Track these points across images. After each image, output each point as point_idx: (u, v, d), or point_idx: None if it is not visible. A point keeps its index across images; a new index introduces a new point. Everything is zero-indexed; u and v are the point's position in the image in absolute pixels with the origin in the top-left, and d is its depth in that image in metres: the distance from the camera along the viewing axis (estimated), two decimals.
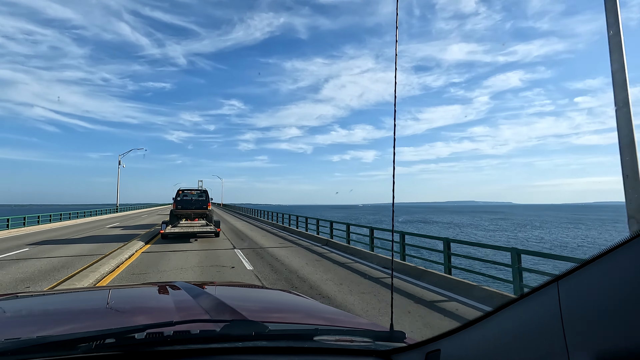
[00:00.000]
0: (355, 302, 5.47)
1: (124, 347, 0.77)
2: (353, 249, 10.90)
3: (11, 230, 17.83)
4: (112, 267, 8.35)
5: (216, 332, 0.84)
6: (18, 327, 1.09)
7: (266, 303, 1.56)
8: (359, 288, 6.36)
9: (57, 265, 8.89)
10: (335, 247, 12.04)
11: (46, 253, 10.99)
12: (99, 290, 1.94)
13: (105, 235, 15.97)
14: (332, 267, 8.63)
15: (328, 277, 7.33)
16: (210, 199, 15.99)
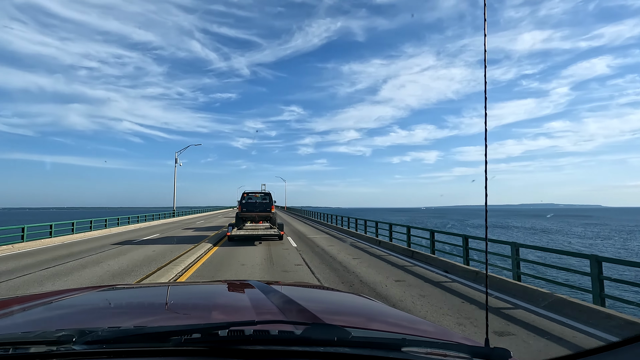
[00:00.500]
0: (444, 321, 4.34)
1: (208, 343, 0.78)
2: (442, 261, 8.92)
3: (102, 230, 19.80)
4: (187, 265, 8.99)
5: (297, 334, 0.80)
6: (116, 317, 1.21)
7: (342, 306, 1.51)
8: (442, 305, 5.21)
9: (138, 263, 9.54)
10: (418, 258, 10.77)
11: (128, 252, 11.69)
12: (180, 285, 2.02)
13: (179, 237, 16.76)
14: (420, 283, 7.47)
15: (406, 292, 6.27)
16: (273, 202, 15.82)
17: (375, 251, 11.74)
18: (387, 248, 12.36)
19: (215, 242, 13.81)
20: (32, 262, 9.82)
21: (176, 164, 37.25)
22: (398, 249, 11.65)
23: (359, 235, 16.44)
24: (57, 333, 0.77)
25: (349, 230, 18.77)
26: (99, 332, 0.78)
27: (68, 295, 1.45)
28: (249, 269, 8.64)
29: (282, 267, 8.92)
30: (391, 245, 12.56)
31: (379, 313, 1.42)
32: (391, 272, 8.27)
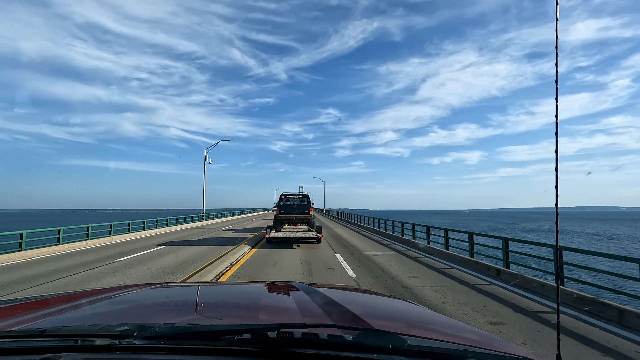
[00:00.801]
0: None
1: (259, 344, 0.78)
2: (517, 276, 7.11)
3: (149, 231, 20.78)
4: (227, 265, 9.23)
5: (349, 340, 0.77)
6: (169, 314, 1.26)
7: (388, 311, 1.40)
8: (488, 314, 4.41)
9: (182, 263, 9.80)
10: (461, 263, 9.83)
11: (172, 252, 12.01)
12: (226, 285, 2.10)
13: (219, 238, 17.03)
14: (465, 290, 6.67)
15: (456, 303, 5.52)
16: (311, 204, 15.49)
17: (429, 261, 10.24)
18: (443, 257, 10.70)
19: (254, 244, 13.80)
20: (94, 259, 10.35)
21: (205, 161, 34.09)
22: (458, 260, 9.89)
23: (403, 240, 15.56)
24: (119, 327, 0.81)
25: (392, 235, 17.92)
26: (156, 328, 0.81)
27: (124, 291, 1.54)
28: (287, 271, 8.44)
29: (321, 270, 8.54)
30: (448, 255, 10.64)
31: (429, 320, 1.33)
32: (439, 279, 7.48)
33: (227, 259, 9.86)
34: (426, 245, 12.66)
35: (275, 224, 15.18)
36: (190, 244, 14.62)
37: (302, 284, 1.75)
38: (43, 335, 0.80)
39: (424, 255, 11.20)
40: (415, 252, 11.97)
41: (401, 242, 15.09)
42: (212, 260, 9.90)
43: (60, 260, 10.58)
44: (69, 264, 9.80)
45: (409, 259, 10.40)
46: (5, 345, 0.78)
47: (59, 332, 0.82)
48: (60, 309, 1.23)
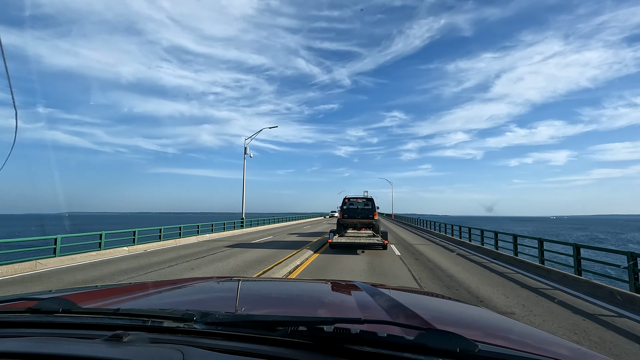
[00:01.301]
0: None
1: (314, 338, 0.78)
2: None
3: (220, 233, 21.91)
4: (290, 269, 9.19)
5: (410, 339, 0.73)
6: (231, 303, 1.36)
7: (459, 317, 1.31)
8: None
9: (249, 263, 10.19)
10: (564, 282, 8.16)
11: (243, 253, 12.42)
12: (287, 281, 2.15)
13: (283, 242, 17.14)
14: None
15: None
16: (376, 208, 14.68)
17: (524, 279, 8.25)
18: (536, 272, 9.02)
19: (316, 249, 13.48)
20: (176, 256, 11.07)
21: (245, 154, 28.40)
22: (558, 277, 7.96)
23: (485, 250, 13.87)
24: (182, 312, 0.90)
25: (469, 244, 16.14)
26: (216, 315, 0.88)
27: (192, 282, 1.71)
28: (349, 277, 7.70)
29: (386, 279, 7.73)
30: (544, 270, 8.73)
31: (508, 329, 1.17)
32: (524, 294, 6.14)
33: (290, 263, 9.79)
34: (513, 257, 10.93)
35: (338, 229, 14.69)
36: (255, 246, 14.91)
37: (365, 284, 1.74)
38: (116, 314, 0.91)
39: (513, 270, 9.41)
40: (501, 265, 10.42)
41: (482, 253, 13.41)
42: (275, 263, 9.92)
43: (154, 255, 11.70)
44: (157, 260, 11.04)
45: (495, 274, 9.00)
46: (83, 321, 0.90)
47: (129, 312, 0.92)
48: (133, 295, 1.43)
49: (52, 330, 0.88)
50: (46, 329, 0.89)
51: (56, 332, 0.87)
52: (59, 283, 7.68)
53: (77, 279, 8.13)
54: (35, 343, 0.77)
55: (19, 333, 0.87)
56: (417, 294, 1.88)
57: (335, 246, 13.25)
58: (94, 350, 0.70)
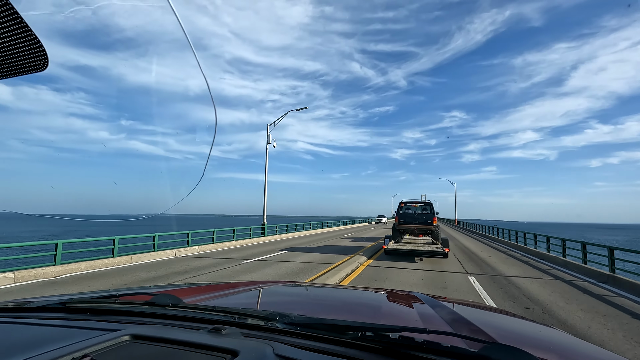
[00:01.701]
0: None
1: (381, 343, 0.83)
2: None
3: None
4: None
5: (473, 352, 0.75)
6: (299, 306, 1.51)
7: (527, 335, 1.25)
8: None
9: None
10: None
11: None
12: (347, 288, 2.22)
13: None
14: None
15: None
16: (435, 213, 13.72)
17: (624, 302, 6.70)
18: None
19: (370, 255, 12.98)
20: (242, 255, 11.52)
21: (268, 143, 23.70)
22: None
23: (582, 269, 12.11)
24: (266, 312, 1.02)
25: (551, 256, 14.30)
26: (292, 317, 0.99)
27: (262, 285, 1.93)
28: (407, 288, 7.17)
29: (447, 293, 6.98)
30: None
31: (583, 353, 1.08)
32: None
33: (343, 268, 9.54)
34: (613, 275, 8.89)
35: (394, 234, 13.99)
36: (308, 250, 14.87)
37: (425, 295, 1.77)
38: (213, 310, 1.07)
39: (615, 293, 7.46)
40: (600, 286, 8.92)
41: (579, 272, 11.73)
42: (327, 269, 9.69)
43: (224, 253, 12.17)
44: (234, 256, 11.79)
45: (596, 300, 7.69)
46: (187, 314, 1.07)
47: (224, 309, 1.07)
48: (218, 294, 1.65)
49: (164, 320, 1.04)
50: (159, 319, 1.05)
51: (169, 322, 1.02)
52: (134, 278, 8.63)
53: (158, 273, 9.03)
54: (156, 329, 0.92)
55: (141, 321, 1.03)
56: (479, 308, 1.83)
57: (391, 252, 12.60)
58: (205, 339, 0.84)
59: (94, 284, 7.79)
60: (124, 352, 0.79)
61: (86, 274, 8.93)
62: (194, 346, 0.81)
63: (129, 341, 0.85)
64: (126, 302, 1.21)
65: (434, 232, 13.75)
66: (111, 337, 0.84)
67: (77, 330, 0.93)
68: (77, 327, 0.96)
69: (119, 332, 0.89)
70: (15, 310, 1.20)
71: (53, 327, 0.99)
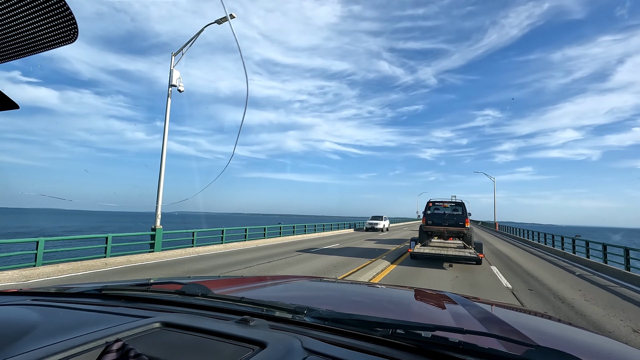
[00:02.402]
0: None
1: (414, 342, 0.81)
2: None
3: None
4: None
5: (516, 355, 0.71)
6: (326, 301, 1.48)
7: (569, 338, 1.21)
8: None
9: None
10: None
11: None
12: (376, 286, 2.11)
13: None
14: None
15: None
16: (468, 214, 12.33)
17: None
18: None
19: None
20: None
21: (172, 87, 13.04)
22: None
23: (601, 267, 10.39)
24: (293, 306, 1.04)
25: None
26: (321, 311, 0.99)
27: (290, 280, 1.96)
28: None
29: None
30: None
31: (619, 354, 1.04)
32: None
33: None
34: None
35: (421, 237, 12.75)
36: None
37: (456, 294, 1.69)
38: (241, 302, 1.09)
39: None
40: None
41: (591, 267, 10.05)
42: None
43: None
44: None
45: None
46: (216, 304, 1.09)
47: (252, 301, 1.10)
48: (247, 286, 1.72)
49: (193, 310, 1.07)
50: (189, 308, 1.09)
51: (198, 312, 1.05)
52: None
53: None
54: (186, 318, 0.95)
55: (171, 309, 1.07)
56: (515, 310, 1.72)
57: (417, 257, 11.40)
58: (234, 329, 0.85)
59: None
60: (154, 338, 0.81)
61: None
62: (223, 336, 0.82)
63: (160, 328, 0.88)
64: (157, 290, 1.27)
65: (466, 236, 12.35)
66: (143, 323, 0.88)
67: (111, 316, 0.96)
68: (111, 313, 1.00)
69: (150, 319, 0.92)
70: (57, 294, 1.27)
71: (90, 311, 1.02)
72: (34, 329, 0.83)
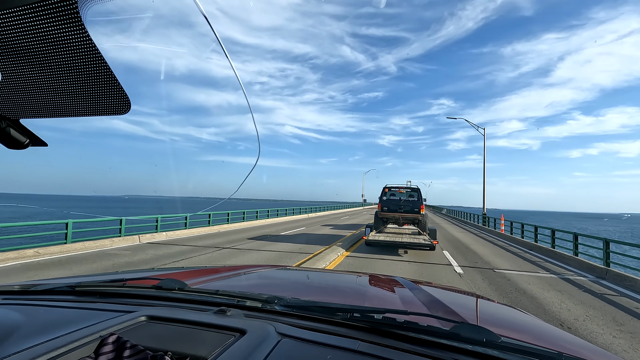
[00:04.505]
0: None
1: (368, 323, 0.94)
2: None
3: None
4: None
5: (445, 330, 0.88)
6: (290, 290, 1.59)
7: (492, 314, 1.48)
8: None
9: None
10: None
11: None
12: (333, 272, 2.26)
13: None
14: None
15: None
16: (423, 200, 12.24)
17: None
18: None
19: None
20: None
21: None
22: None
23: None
24: (264, 296, 1.12)
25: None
26: (288, 300, 1.09)
27: (257, 269, 2.00)
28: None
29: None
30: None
31: (533, 328, 1.30)
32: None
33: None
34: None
35: (376, 223, 12.51)
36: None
37: (405, 279, 1.90)
38: (217, 294, 1.16)
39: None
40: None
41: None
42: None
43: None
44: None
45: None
46: (193, 297, 1.14)
47: (227, 293, 1.17)
48: (217, 276, 1.76)
49: (172, 303, 1.12)
50: (167, 301, 1.13)
51: (176, 305, 1.10)
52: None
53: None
54: (168, 311, 1.00)
55: (151, 303, 1.10)
56: (453, 291, 1.96)
57: (372, 244, 11.14)
58: (214, 319, 0.92)
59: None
60: (143, 331, 0.86)
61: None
62: (205, 325, 0.89)
63: (146, 321, 0.92)
64: (135, 285, 1.29)
65: (421, 222, 12.30)
66: (129, 317, 0.92)
67: (90, 312, 0.99)
68: (89, 309, 1.02)
69: (135, 313, 0.96)
70: (21, 293, 1.25)
71: (64, 309, 1.03)
72: (17, 329, 0.84)
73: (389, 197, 12.52)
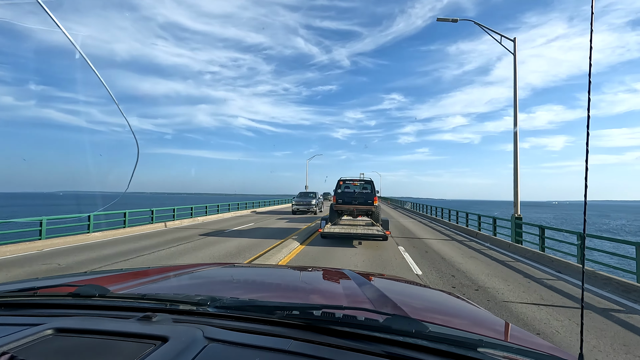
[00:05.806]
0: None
1: (305, 320, 0.92)
2: None
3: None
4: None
5: (379, 322, 0.89)
6: (234, 289, 1.51)
7: (428, 302, 1.55)
8: None
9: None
10: None
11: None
12: (283, 268, 2.23)
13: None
14: None
15: None
16: (376, 192, 12.52)
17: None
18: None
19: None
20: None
21: None
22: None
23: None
24: (197, 297, 1.03)
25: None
26: (224, 300, 1.01)
27: (200, 268, 1.85)
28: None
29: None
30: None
31: (465, 313, 1.41)
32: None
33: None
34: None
35: (331, 216, 12.57)
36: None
37: (353, 272, 1.87)
38: (143, 298, 1.05)
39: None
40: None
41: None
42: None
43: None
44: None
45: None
46: (116, 303, 1.04)
47: (155, 297, 1.06)
48: (151, 279, 1.59)
49: (91, 311, 1.02)
50: (86, 310, 1.03)
51: (95, 313, 1.00)
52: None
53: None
54: (82, 321, 0.90)
55: (65, 313, 0.99)
56: (397, 281, 1.95)
57: (327, 236, 11.17)
58: (134, 327, 0.84)
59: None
60: (47, 347, 0.76)
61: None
62: (123, 335, 0.80)
63: (53, 335, 0.82)
64: (47, 294, 1.13)
65: (374, 213, 12.61)
66: (32, 332, 0.81)
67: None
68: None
69: (40, 326, 0.85)
70: None
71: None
72: None
73: (344, 189, 12.65)
